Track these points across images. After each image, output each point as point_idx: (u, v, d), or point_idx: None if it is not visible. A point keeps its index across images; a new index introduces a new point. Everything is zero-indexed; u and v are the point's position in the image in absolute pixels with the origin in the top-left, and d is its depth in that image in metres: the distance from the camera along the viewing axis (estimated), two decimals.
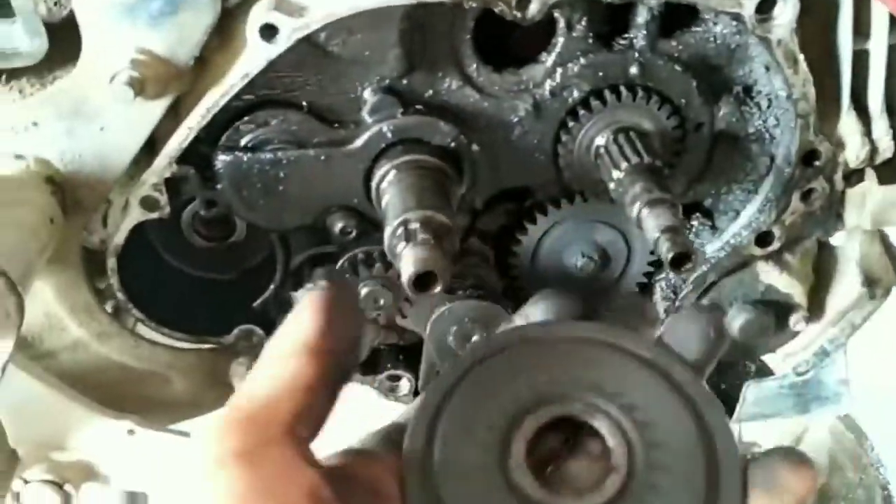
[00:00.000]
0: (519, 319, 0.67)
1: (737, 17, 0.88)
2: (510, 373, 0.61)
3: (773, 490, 0.56)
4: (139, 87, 0.83)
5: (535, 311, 0.67)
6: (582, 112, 0.95)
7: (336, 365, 0.55)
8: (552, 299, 0.67)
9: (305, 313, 0.55)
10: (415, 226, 0.83)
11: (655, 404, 0.59)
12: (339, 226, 0.97)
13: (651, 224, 0.84)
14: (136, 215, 0.95)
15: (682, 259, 0.81)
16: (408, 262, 0.81)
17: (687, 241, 0.82)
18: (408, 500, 0.57)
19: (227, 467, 0.49)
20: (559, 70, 0.94)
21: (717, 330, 0.63)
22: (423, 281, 0.81)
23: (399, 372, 1.13)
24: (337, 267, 1.00)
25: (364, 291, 0.97)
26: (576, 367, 0.61)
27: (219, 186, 0.94)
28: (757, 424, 2.03)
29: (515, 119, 0.96)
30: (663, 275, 1.10)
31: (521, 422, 0.59)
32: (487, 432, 0.58)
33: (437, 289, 0.81)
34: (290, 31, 0.84)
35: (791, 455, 0.57)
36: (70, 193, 0.91)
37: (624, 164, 0.91)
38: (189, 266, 1.12)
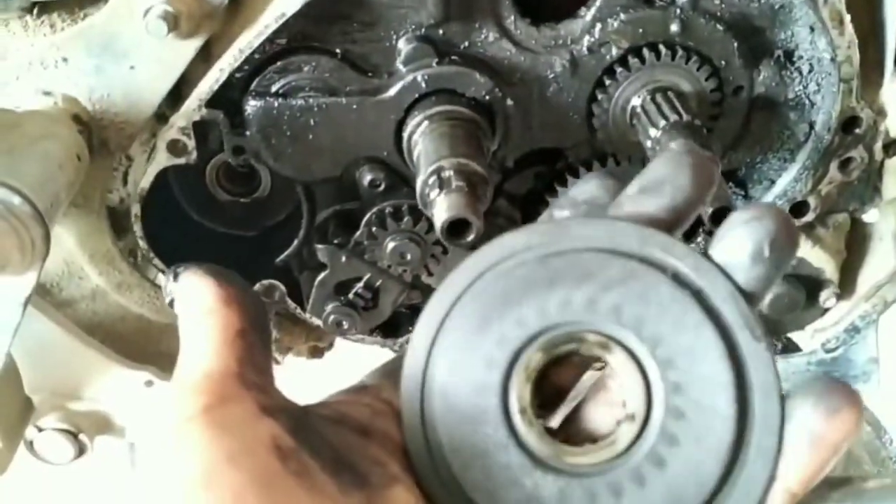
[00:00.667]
0: (564, 201, 0.59)
1: None
2: (517, 291, 0.52)
3: (807, 445, 0.50)
4: (173, 23, 0.81)
5: (583, 189, 0.60)
6: (619, 70, 0.93)
7: (251, 305, 0.55)
8: (601, 180, 0.60)
9: (192, 285, 0.56)
10: (448, 173, 0.81)
11: (683, 336, 0.50)
12: (368, 178, 0.95)
13: None
14: (162, 160, 0.93)
15: (722, 213, 0.79)
16: (441, 208, 0.79)
17: (728, 195, 0.80)
18: (408, 445, 0.53)
19: (192, 432, 0.48)
20: (598, 25, 0.92)
21: (781, 240, 0.50)
22: (456, 228, 0.79)
23: None
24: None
25: (391, 246, 0.95)
26: (595, 286, 0.51)
27: (247, 133, 0.93)
28: None
29: (551, 75, 0.94)
30: (695, 243, 1.08)
31: (525, 356, 0.52)
32: (486, 369, 0.52)
33: (471, 236, 0.79)
34: None
35: (825, 398, 0.50)
36: (97, 133, 0.89)
37: (662, 122, 0.89)
38: (212, 221, 1.11)
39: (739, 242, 0.51)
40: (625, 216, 0.55)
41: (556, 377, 0.55)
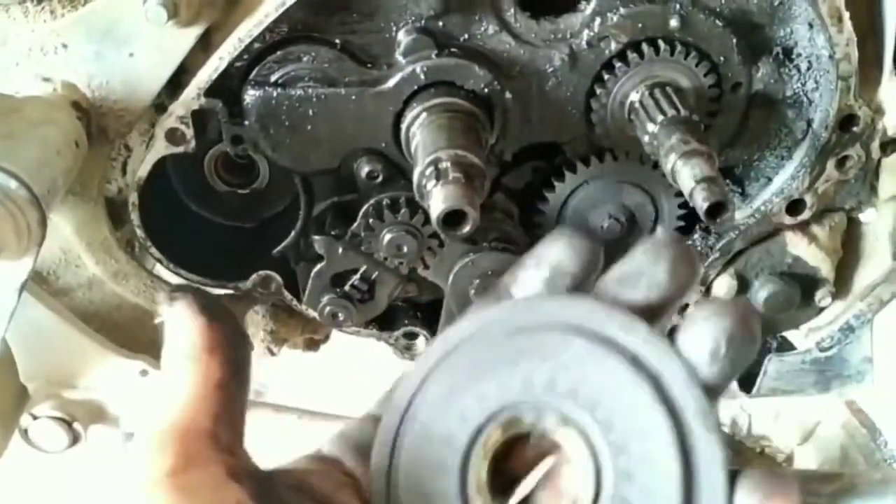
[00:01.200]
0: (531, 261, 0.59)
1: None
2: (482, 367, 0.52)
3: None
4: (173, 10, 0.81)
5: (549, 253, 0.58)
6: (618, 65, 0.93)
7: (236, 357, 0.54)
8: (569, 241, 0.58)
9: (182, 320, 0.54)
10: (446, 164, 0.82)
11: (636, 422, 0.50)
12: (365, 170, 0.95)
13: (686, 174, 0.82)
14: (160, 148, 0.93)
15: (718, 209, 0.79)
16: (437, 199, 0.79)
17: (724, 189, 0.80)
18: None
19: (158, 498, 0.48)
20: (598, 19, 0.92)
21: (739, 339, 0.50)
22: (452, 219, 0.79)
23: (416, 329, 1.11)
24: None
25: (387, 238, 0.95)
26: (555, 366, 0.52)
27: (246, 123, 0.93)
28: (767, 419, 2.01)
29: (550, 69, 0.94)
30: (689, 241, 1.08)
31: (485, 433, 0.52)
32: (447, 446, 0.52)
33: (467, 228, 0.79)
34: None
35: (765, 483, 0.49)
36: (95, 120, 0.90)
37: (660, 117, 0.89)
38: (210, 211, 1.11)
39: (698, 339, 0.51)
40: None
41: (516, 460, 0.55)
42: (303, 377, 1.95)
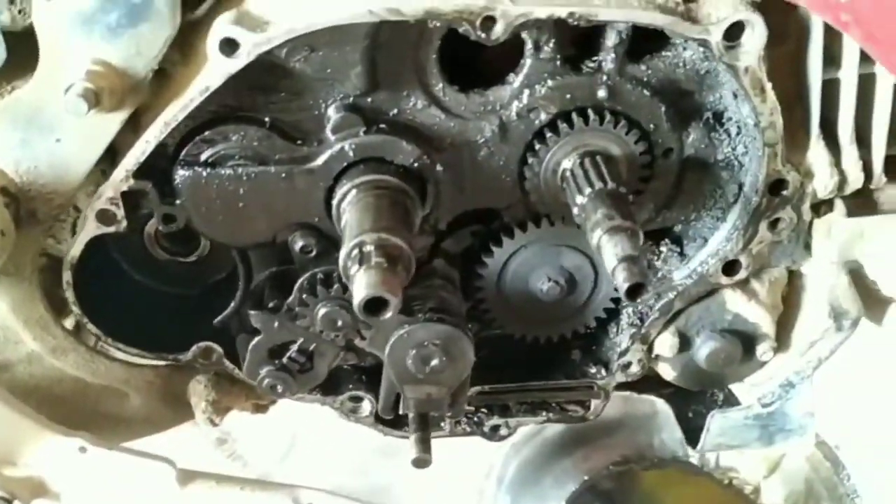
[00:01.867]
0: None
1: (704, 44, 0.88)
2: None
3: None
4: (94, 100, 0.81)
5: None
6: (549, 135, 0.94)
7: None
8: None
9: None
10: (369, 248, 0.82)
11: None
12: (299, 244, 0.96)
13: (609, 252, 0.83)
14: (91, 229, 0.93)
15: (637, 289, 0.80)
16: (360, 285, 0.79)
17: (644, 270, 0.80)
18: None
19: None
20: (526, 91, 0.93)
21: None
22: (374, 305, 0.79)
23: (361, 393, 1.11)
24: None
25: (322, 312, 0.95)
26: None
27: (178, 202, 0.93)
28: (734, 451, 2.02)
29: (481, 140, 0.95)
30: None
31: None
32: None
33: (389, 314, 0.80)
34: (251, 47, 0.83)
35: None
36: (25, 204, 0.90)
37: (587, 190, 0.90)
38: (152, 280, 1.10)
39: None
40: None
41: None
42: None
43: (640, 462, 2.04)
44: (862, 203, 1.01)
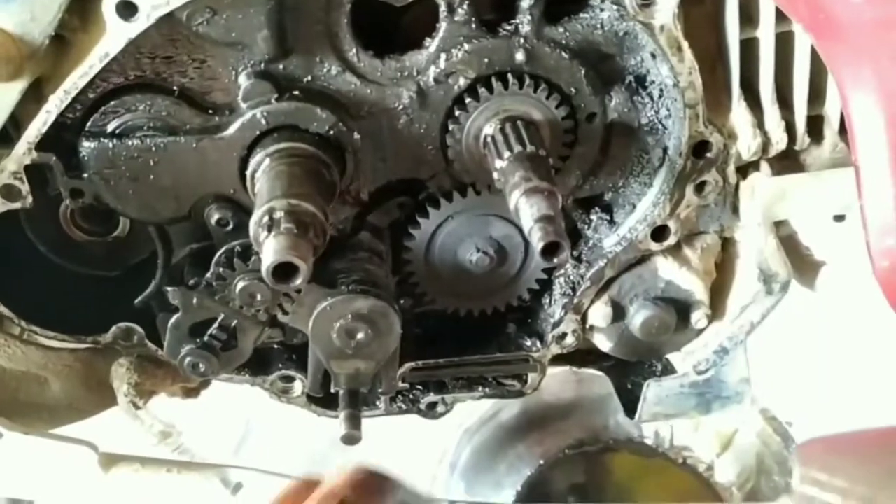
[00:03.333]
0: None
1: (618, 2, 0.86)
2: None
3: None
4: None
5: None
6: (469, 100, 0.92)
7: None
8: None
9: None
10: (279, 214, 0.80)
11: None
12: (215, 217, 0.93)
13: (526, 213, 0.81)
14: None
15: (553, 248, 0.78)
16: (268, 251, 0.77)
17: (560, 230, 0.79)
18: None
19: None
20: (443, 56, 0.91)
21: None
22: (283, 271, 0.77)
23: (291, 372, 1.09)
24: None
25: (240, 286, 0.92)
26: None
27: (85, 175, 0.90)
28: (688, 430, 2.02)
29: (400, 107, 0.93)
30: (562, 271, 1.07)
31: None
32: None
33: (298, 281, 0.77)
34: (150, 9, 0.80)
35: None
36: None
37: (507, 154, 0.88)
38: (70, 262, 1.07)
39: None
40: None
41: None
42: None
43: (594, 444, 2.04)
44: (788, 165, 1.01)
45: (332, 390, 1.04)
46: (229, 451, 2.05)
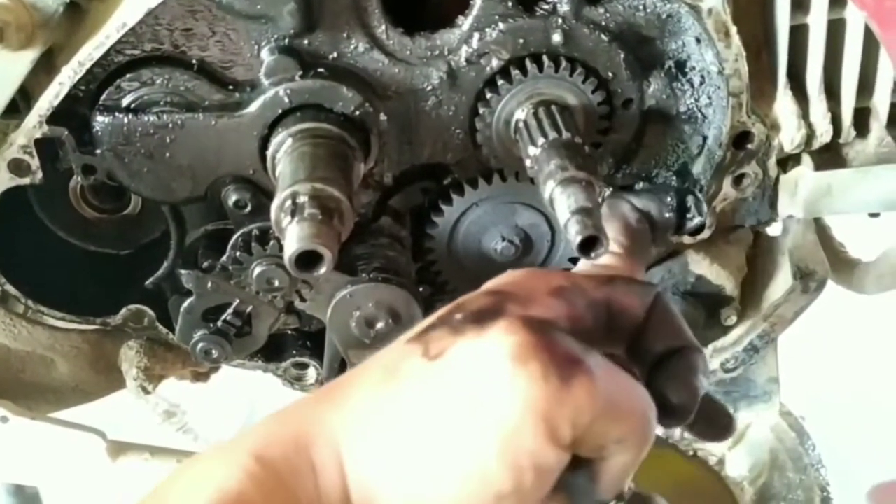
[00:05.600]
0: None
1: None
2: None
3: None
4: None
5: None
6: (501, 82, 0.88)
7: None
8: None
9: None
10: (303, 199, 0.75)
11: None
12: (233, 199, 0.89)
13: (563, 204, 0.77)
14: (4, 180, 0.86)
15: (591, 242, 0.74)
16: (291, 238, 0.73)
17: (599, 223, 0.75)
18: None
19: None
20: (476, 35, 0.86)
21: None
22: (306, 260, 0.73)
23: (305, 359, 1.05)
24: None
25: (257, 271, 0.89)
26: None
27: (98, 151, 0.86)
28: None
29: (429, 88, 0.89)
30: None
31: None
32: None
33: (322, 270, 0.73)
34: None
35: None
36: None
37: (541, 140, 0.84)
38: (79, 239, 1.03)
39: None
40: None
41: None
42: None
43: None
44: (829, 158, 0.96)
45: None
46: (232, 432, 2.02)
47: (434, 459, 0.52)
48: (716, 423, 0.65)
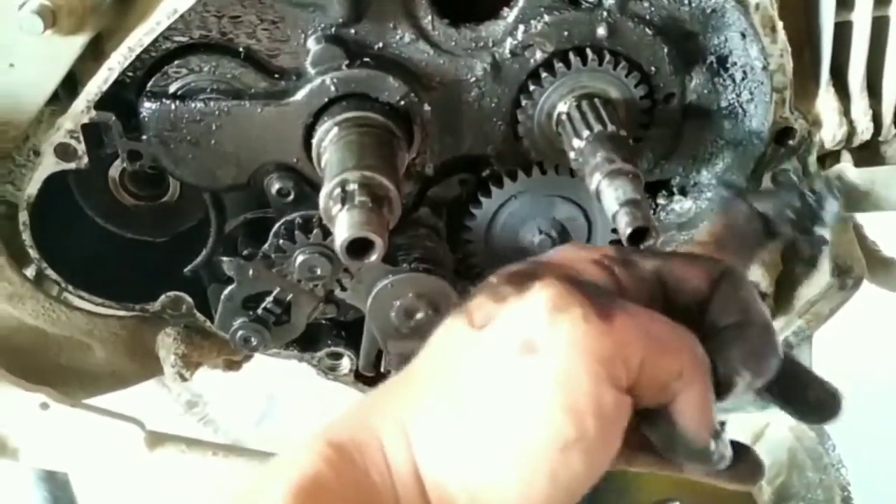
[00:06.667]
0: None
1: None
2: None
3: None
4: (50, 19, 0.74)
5: None
6: (544, 75, 0.88)
7: None
8: None
9: None
10: (353, 187, 0.76)
11: None
12: (276, 187, 0.89)
13: (610, 196, 0.77)
14: (50, 164, 0.86)
15: (641, 234, 0.75)
16: (342, 225, 0.73)
17: (648, 214, 0.75)
18: None
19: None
20: (521, 27, 0.87)
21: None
22: (357, 247, 0.73)
23: (340, 349, 1.06)
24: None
25: (300, 260, 0.89)
26: None
27: (144, 137, 0.86)
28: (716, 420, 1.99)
29: (472, 79, 0.89)
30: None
31: None
32: None
33: (374, 257, 0.74)
34: None
35: None
36: None
37: (586, 133, 0.84)
38: (117, 226, 1.03)
39: None
40: None
41: None
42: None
43: None
44: (868, 156, 0.97)
45: (383, 370, 1.02)
46: (251, 422, 2.03)
47: (496, 423, 0.53)
48: (813, 400, 0.64)
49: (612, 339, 0.53)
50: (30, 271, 1.00)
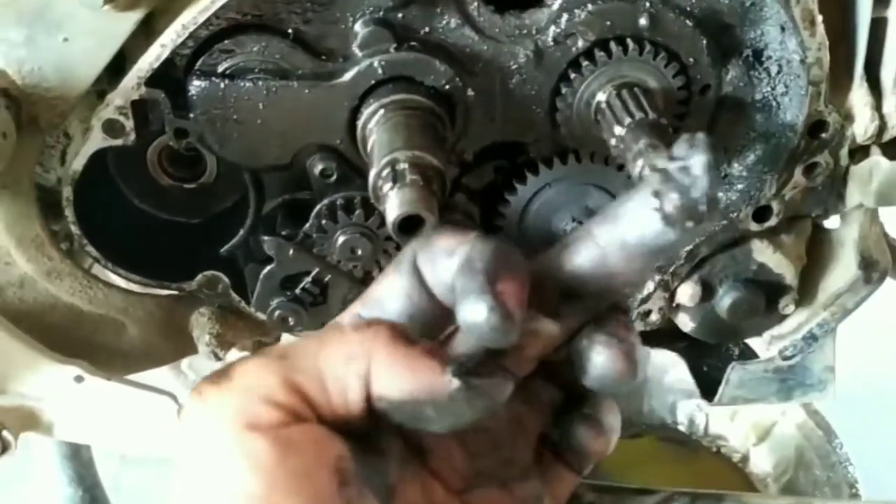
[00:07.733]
0: None
1: None
2: None
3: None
4: None
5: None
6: (585, 63, 0.90)
7: None
8: None
9: None
10: (403, 166, 0.77)
11: None
12: (319, 167, 0.91)
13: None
14: (97, 140, 0.87)
15: None
16: (394, 203, 0.75)
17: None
18: None
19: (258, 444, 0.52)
20: (565, 15, 0.88)
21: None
22: (409, 225, 0.74)
23: None
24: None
25: (341, 240, 0.90)
26: None
27: (191, 115, 0.87)
28: (724, 418, 2.01)
29: (515, 66, 0.90)
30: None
31: None
32: None
33: (424, 234, 0.75)
34: None
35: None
36: (26, 109, 0.83)
37: (627, 120, 0.86)
38: (153, 206, 1.04)
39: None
40: None
41: None
42: None
43: (627, 429, 2.03)
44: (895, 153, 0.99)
45: None
46: None
47: None
48: None
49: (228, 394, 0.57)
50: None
